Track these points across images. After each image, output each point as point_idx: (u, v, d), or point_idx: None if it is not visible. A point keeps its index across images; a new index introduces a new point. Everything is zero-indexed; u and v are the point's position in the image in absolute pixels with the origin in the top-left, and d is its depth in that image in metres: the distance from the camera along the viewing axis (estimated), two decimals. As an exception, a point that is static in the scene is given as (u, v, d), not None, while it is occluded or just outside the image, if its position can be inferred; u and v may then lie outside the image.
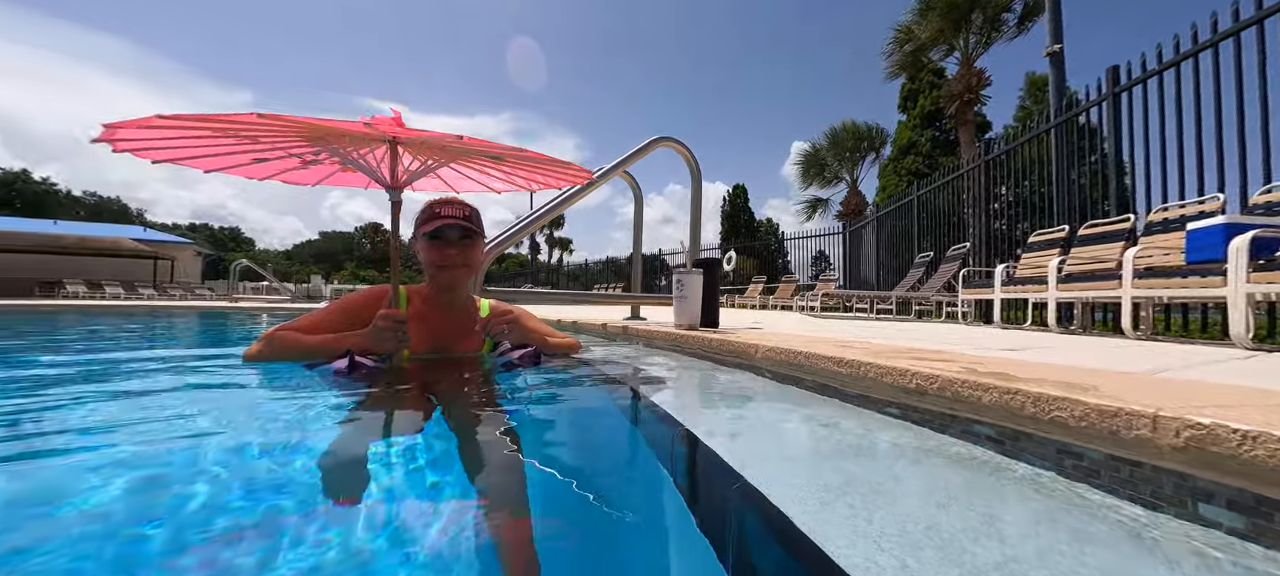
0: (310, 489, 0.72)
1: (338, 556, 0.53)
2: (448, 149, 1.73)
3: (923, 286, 7.90)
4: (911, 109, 17.59)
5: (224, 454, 0.84)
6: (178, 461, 0.82)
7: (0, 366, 1.89)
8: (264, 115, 1.30)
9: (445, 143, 1.60)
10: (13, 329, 3.81)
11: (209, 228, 52.85)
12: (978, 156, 7.46)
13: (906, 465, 0.83)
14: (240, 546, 0.56)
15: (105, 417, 1.08)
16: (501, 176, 2.05)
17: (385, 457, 0.85)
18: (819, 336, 2.01)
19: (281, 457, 0.84)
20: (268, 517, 0.63)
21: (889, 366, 1.05)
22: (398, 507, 0.67)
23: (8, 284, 18.75)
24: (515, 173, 2.00)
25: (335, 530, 0.59)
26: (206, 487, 0.69)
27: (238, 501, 0.67)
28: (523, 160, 1.80)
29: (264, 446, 0.87)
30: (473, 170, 2.01)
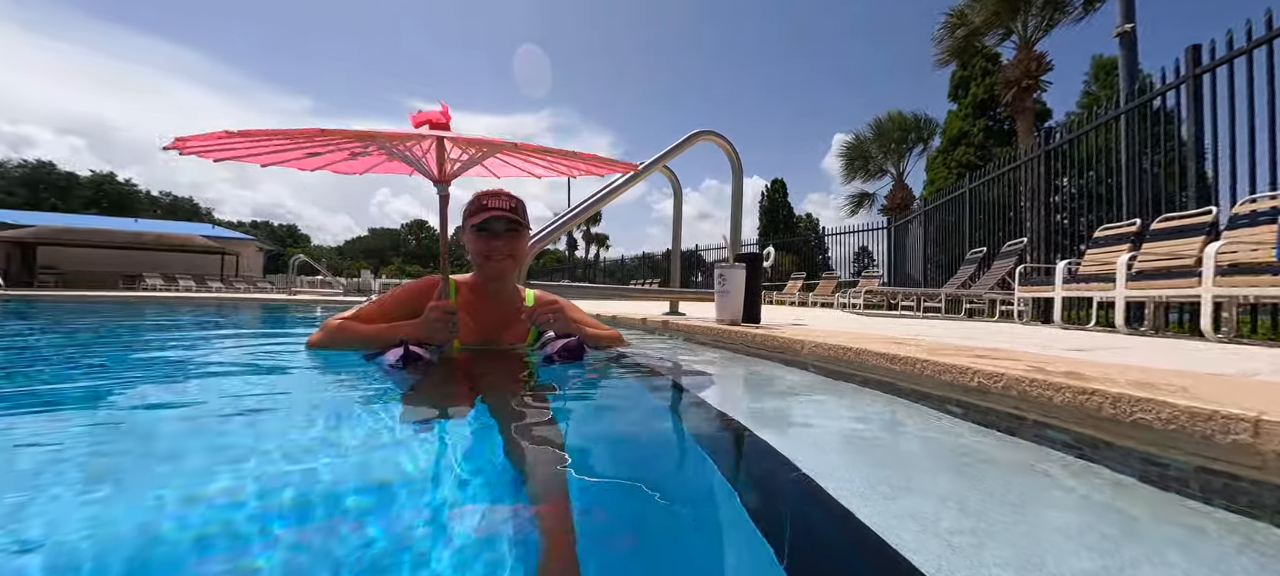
0: (355, 474, 0.75)
1: (375, 541, 0.55)
2: (494, 145, 1.77)
3: (975, 284, 7.54)
4: (963, 97, 16.77)
5: (274, 434, 0.90)
6: (234, 439, 0.88)
7: (108, 350, 2.07)
8: (326, 131, 1.36)
9: (495, 145, 1.63)
10: (107, 316, 4.16)
11: (269, 225, 56.17)
12: (1037, 146, 7.04)
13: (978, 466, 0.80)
14: (280, 523, 0.59)
15: (182, 398, 1.17)
16: (544, 164, 2.09)
17: (428, 447, 0.88)
18: (868, 333, 1.95)
19: (330, 442, 0.88)
20: (312, 501, 0.65)
21: (947, 363, 1.01)
22: (437, 498, 0.68)
23: (97, 277, 20.54)
24: (557, 161, 2.03)
25: (374, 517, 0.61)
26: (254, 463, 0.74)
27: (282, 483, 0.71)
28: (567, 158, 1.83)
29: (314, 429, 0.93)
30: (516, 159, 2.06)
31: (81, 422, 0.98)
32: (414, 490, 0.70)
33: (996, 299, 6.82)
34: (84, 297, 9.18)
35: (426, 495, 0.69)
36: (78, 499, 0.63)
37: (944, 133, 17.11)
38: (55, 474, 0.71)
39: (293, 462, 0.78)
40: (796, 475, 0.75)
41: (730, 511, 0.69)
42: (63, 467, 0.73)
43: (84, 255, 21.93)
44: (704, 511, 0.71)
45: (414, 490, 0.70)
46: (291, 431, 0.94)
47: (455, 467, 0.80)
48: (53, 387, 1.33)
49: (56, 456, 0.77)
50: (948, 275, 8.98)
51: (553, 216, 3.68)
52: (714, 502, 0.74)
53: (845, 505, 0.64)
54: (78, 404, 1.14)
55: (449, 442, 0.91)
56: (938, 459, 0.86)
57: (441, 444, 0.90)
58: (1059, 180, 6.73)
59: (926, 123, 17.42)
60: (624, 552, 0.59)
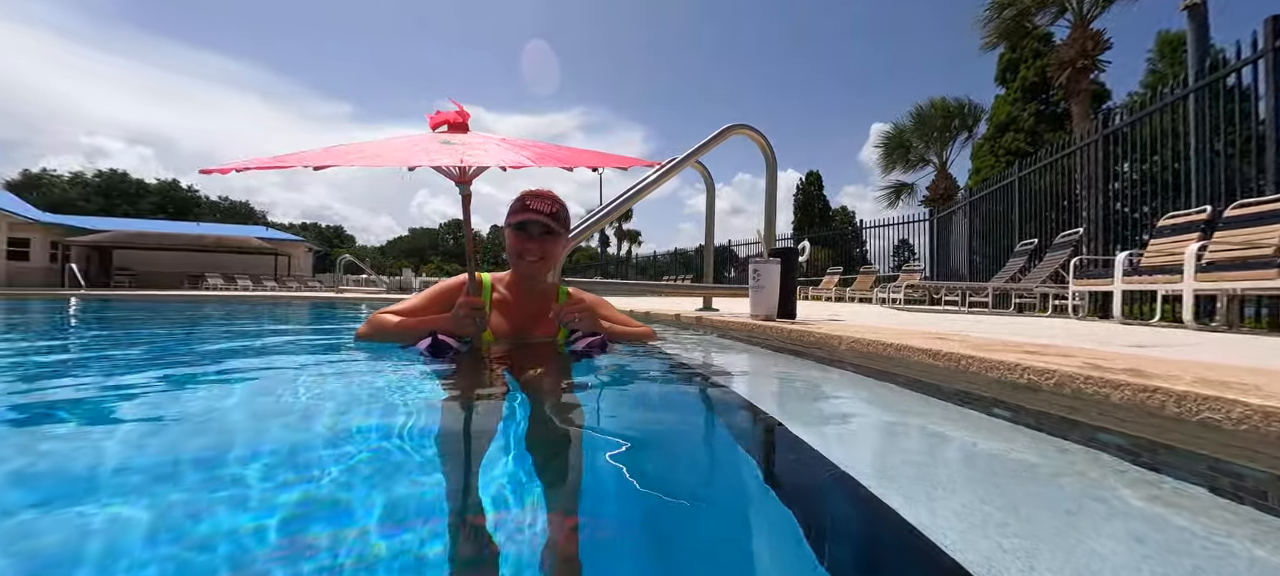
0: (385, 458, 0.78)
1: (403, 524, 0.58)
2: (500, 148, 1.82)
3: (1025, 277, 7.18)
4: (1011, 81, 15.93)
5: (314, 418, 0.95)
6: (274, 422, 0.93)
7: (185, 344, 2.23)
8: (335, 149, 1.43)
9: (503, 146, 1.65)
10: (181, 313, 4.47)
11: (317, 226, 58.87)
12: (1094, 130, 6.63)
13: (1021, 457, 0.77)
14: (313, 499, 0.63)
15: (245, 386, 1.25)
16: (572, 158, 2.13)
17: (455, 438, 0.90)
18: (909, 328, 1.89)
19: (365, 428, 0.92)
20: (349, 484, 0.69)
21: (993, 359, 0.97)
22: (458, 487, 0.70)
23: (166, 277, 22.10)
24: (582, 155, 2.06)
25: (402, 500, 0.63)
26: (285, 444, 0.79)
27: (321, 463, 0.75)
28: (584, 156, 1.85)
29: (354, 417, 0.98)
30: (546, 149, 2.10)
31: (169, 406, 1.07)
32: (421, 470, 0.72)
33: (1049, 293, 6.47)
34: (157, 297, 9.88)
35: (434, 481, 0.71)
36: (165, 464, 0.69)
37: (990, 119, 16.30)
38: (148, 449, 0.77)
39: (314, 445, 0.82)
40: (834, 472, 0.74)
41: (766, 507, 0.68)
42: (152, 442, 0.80)
43: (153, 257, 23.61)
44: (736, 506, 0.71)
45: (421, 470, 0.72)
46: (331, 417, 0.99)
47: (472, 452, 0.83)
48: (157, 376, 1.45)
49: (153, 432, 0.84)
50: (995, 268, 8.57)
51: (585, 214, 3.72)
52: (747, 497, 0.74)
53: (889, 504, 0.63)
54: (167, 390, 1.24)
55: (470, 430, 0.93)
56: (981, 460, 0.83)
57: (464, 430, 0.92)
58: (1119, 166, 6.31)
59: (972, 109, 16.64)
60: (649, 548, 0.58)
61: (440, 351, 1.52)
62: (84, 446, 0.84)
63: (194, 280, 20.55)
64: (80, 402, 1.12)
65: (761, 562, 0.56)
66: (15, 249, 21.40)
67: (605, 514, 0.65)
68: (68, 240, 21.53)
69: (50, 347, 2.20)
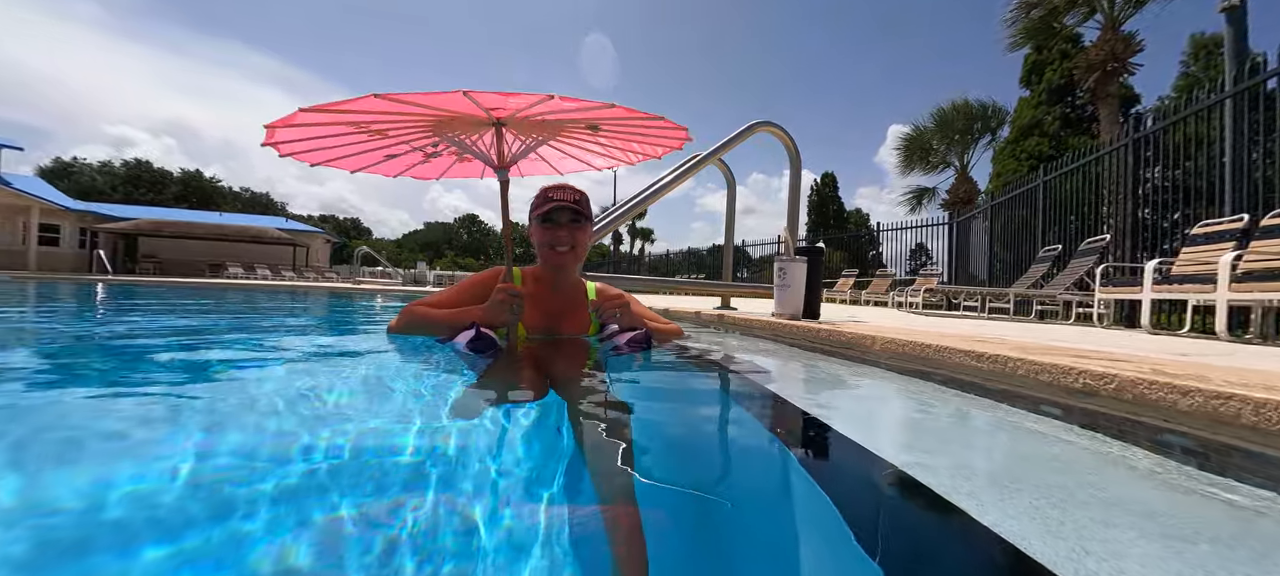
0: (427, 455, 0.78)
1: (443, 521, 0.57)
2: (546, 124, 1.81)
3: (1048, 283, 7.05)
4: (1036, 83, 15.60)
5: (354, 412, 0.96)
6: (312, 415, 0.95)
7: (221, 333, 2.28)
8: (380, 95, 1.40)
9: (539, 111, 1.64)
10: (205, 301, 4.57)
11: (335, 218, 59.62)
12: (1124, 134, 6.48)
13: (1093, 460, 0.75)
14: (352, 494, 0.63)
15: (278, 376, 1.27)
16: (600, 150, 2.12)
17: (495, 433, 0.90)
18: (941, 331, 1.87)
19: (406, 424, 0.93)
20: (376, 479, 0.69)
21: (1046, 363, 0.95)
22: (500, 481, 0.70)
23: (189, 265, 22.59)
24: (612, 143, 2.05)
25: (436, 495, 0.63)
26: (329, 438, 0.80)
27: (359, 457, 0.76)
28: (616, 123, 1.83)
29: (388, 411, 0.98)
30: (573, 147, 2.10)
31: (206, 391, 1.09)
32: (478, 471, 0.72)
33: (1073, 300, 6.35)
34: (181, 283, 10.09)
35: (489, 477, 0.71)
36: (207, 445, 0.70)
37: (1014, 121, 15.99)
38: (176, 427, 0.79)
39: (362, 439, 0.83)
40: (886, 469, 0.74)
41: (815, 508, 0.67)
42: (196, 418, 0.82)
43: (177, 245, 24.15)
44: (784, 505, 0.70)
45: (478, 471, 0.72)
46: (365, 412, 1.00)
47: (521, 451, 0.83)
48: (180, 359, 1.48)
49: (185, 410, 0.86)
50: (1015, 274, 8.43)
51: (600, 212, 3.72)
52: (795, 497, 0.73)
53: (957, 505, 0.62)
54: (201, 375, 1.26)
55: (515, 427, 0.93)
56: (1046, 464, 0.82)
57: (507, 427, 0.92)
58: (1147, 172, 6.16)
59: (995, 111, 16.33)
60: (700, 547, 0.57)
61: (483, 346, 1.51)
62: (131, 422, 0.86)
63: (215, 269, 20.98)
64: (109, 383, 1.15)
65: (815, 565, 0.56)
66: (46, 234, 22.01)
67: (657, 506, 0.65)
68: (96, 227, 22.10)
69: (81, 330, 2.26)
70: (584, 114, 1.66)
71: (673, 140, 1.98)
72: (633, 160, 2.26)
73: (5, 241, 21.19)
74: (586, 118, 1.74)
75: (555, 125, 1.84)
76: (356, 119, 1.65)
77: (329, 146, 1.85)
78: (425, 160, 2.23)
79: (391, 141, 1.92)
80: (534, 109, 1.54)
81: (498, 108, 1.56)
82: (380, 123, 1.75)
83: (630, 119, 1.74)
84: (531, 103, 1.50)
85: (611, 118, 1.72)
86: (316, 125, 1.65)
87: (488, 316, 1.60)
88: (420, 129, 1.80)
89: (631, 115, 1.69)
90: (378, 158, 2.03)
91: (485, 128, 1.78)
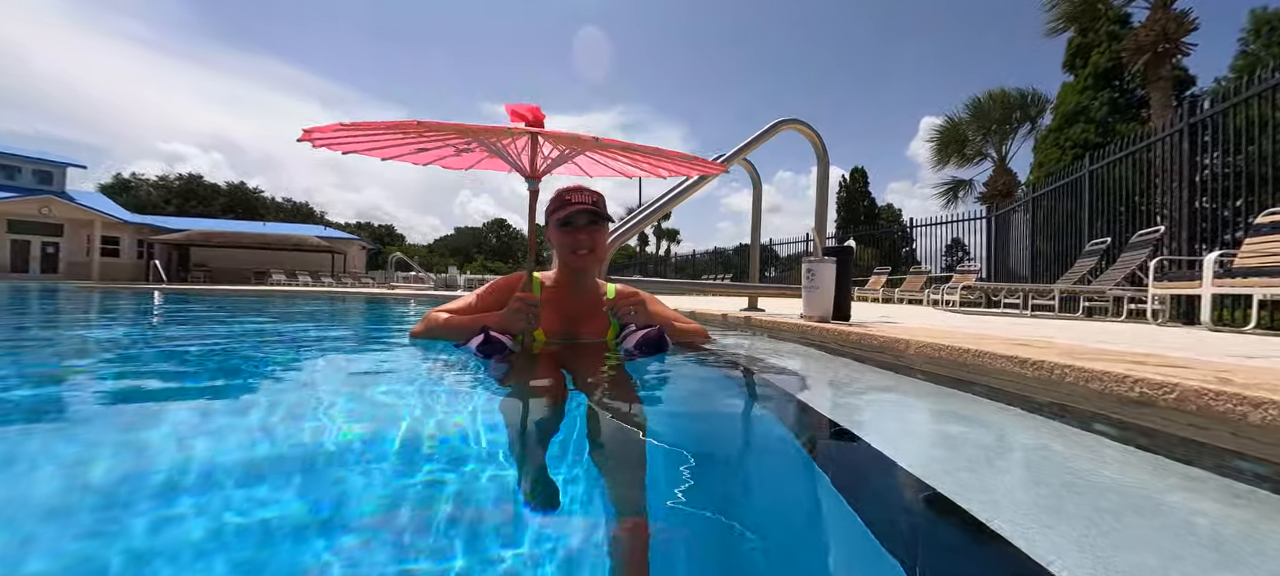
0: (438, 458, 0.78)
1: (457, 523, 0.57)
2: (583, 142, 1.82)
3: (1096, 279, 6.69)
4: (1081, 68, 14.87)
5: (370, 416, 0.97)
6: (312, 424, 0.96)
7: (260, 335, 2.37)
8: (423, 122, 1.45)
9: (584, 141, 1.67)
10: (252, 307, 4.78)
11: (370, 225, 61.60)
12: (1178, 118, 6.10)
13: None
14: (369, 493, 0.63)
15: (305, 378, 1.30)
16: (634, 163, 2.12)
17: (508, 438, 0.90)
18: (982, 332, 1.79)
19: (419, 429, 0.93)
20: (405, 485, 0.69)
21: (1097, 369, 0.89)
22: (506, 483, 0.69)
23: (234, 273, 23.74)
24: (647, 160, 2.05)
25: (446, 499, 0.63)
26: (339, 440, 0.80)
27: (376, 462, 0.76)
28: (657, 156, 1.84)
29: (402, 414, 0.99)
30: (608, 157, 2.10)
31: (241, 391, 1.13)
32: (483, 474, 0.72)
33: (1124, 296, 6.01)
34: (229, 291, 10.59)
35: (493, 479, 0.70)
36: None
37: (1056, 109, 15.27)
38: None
39: (369, 440, 0.84)
40: (916, 485, 0.70)
41: (840, 522, 0.64)
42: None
43: (225, 254, 25.44)
44: (806, 516, 0.67)
45: (483, 474, 0.72)
46: (380, 415, 1.01)
47: (526, 458, 0.82)
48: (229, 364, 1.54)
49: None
50: (1059, 270, 8.05)
51: (624, 214, 3.72)
52: (816, 510, 0.70)
53: (999, 531, 0.58)
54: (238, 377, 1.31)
55: (526, 430, 0.93)
56: (1090, 483, 0.76)
57: (519, 431, 0.92)
58: (1205, 158, 5.78)
59: (1035, 99, 15.61)
60: (717, 561, 0.56)
61: (492, 350, 1.52)
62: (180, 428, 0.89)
63: (259, 276, 21.97)
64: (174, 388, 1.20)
65: None
66: (108, 246, 23.49)
67: (669, 520, 0.63)
68: (152, 238, 23.45)
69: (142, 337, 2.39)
70: (628, 149, 1.67)
71: (707, 170, 1.97)
72: (663, 174, 2.26)
73: (72, 253, 22.70)
74: (628, 152, 1.75)
75: (591, 141, 1.85)
76: (393, 130, 1.69)
77: (360, 141, 1.90)
78: (457, 154, 2.26)
79: (424, 139, 1.97)
80: (577, 144, 1.56)
81: (539, 128, 1.58)
82: (416, 139, 1.79)
83: (672, 156, 1.75)
84: (576, 136, 1.52)
85: (653, 153, 1.73)
86: (352, 130, 1.69)
87: (503, 323, 1.62)
88: (456, 136, 1.84)
89: (675, 155, 1.70)
90: (409, 150, 2.08)
91: (518, 136, 1.80)
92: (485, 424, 0.95)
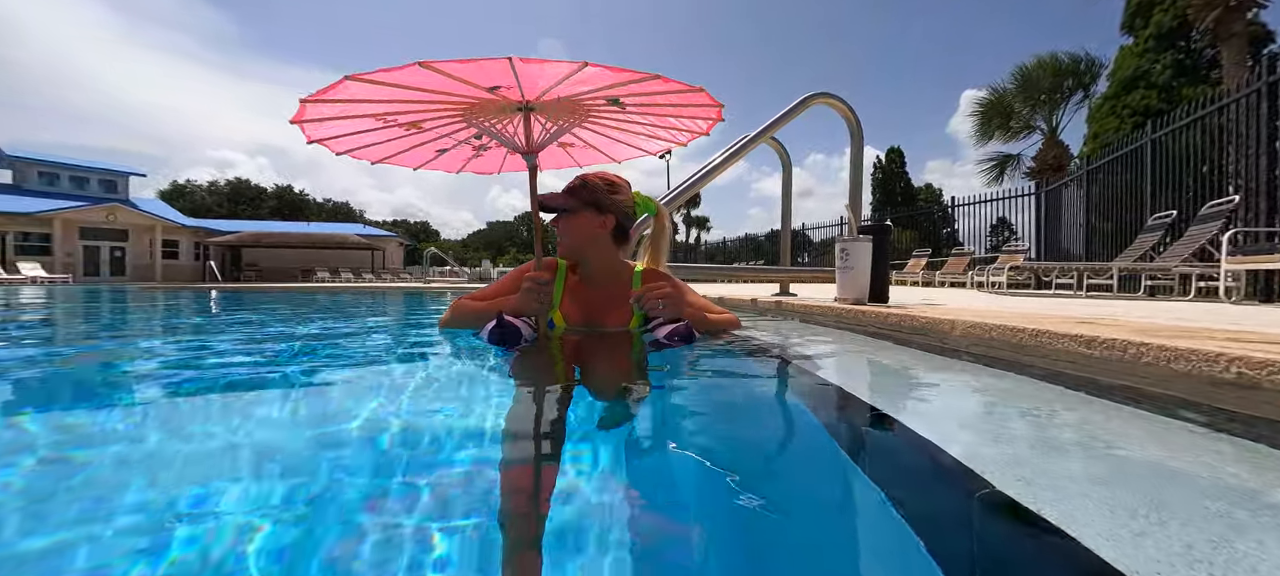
0: (445, 453, 0.75)
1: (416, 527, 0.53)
2: (573, 107, 1.76)
3: (1160, 255, 6.22)
4: (1141, 28, 13.79)
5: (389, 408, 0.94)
6: (345, 409, 0.93)
7: (303, 325, 2.44)
8: (424, 64, 1.37)
9: (574, 82, 1.57)
10: (302, 303, 4.96)
11: (406, 222, 63.46)
12: (1255, 78, 5.56)
13: None
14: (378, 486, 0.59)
15: (333, 374, 1.30)
16: (625, 138, 2.06)
17: (521, 433, 0.85)
18: (1036, 312, 1.64)
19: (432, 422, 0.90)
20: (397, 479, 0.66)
21: (1181, 348, 0.78)
22: (516, 487, 0.65)
23: (282, 272, 24.93)
24: (639, 125, 1.97)
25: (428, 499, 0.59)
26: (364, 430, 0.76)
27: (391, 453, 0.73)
28: (644, 101, 1.75)
29: (409, 409, 0.97)
30: (598, 135, 2.04)
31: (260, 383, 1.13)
32: (465, 470, 0.68)
33: (1192, 273, 5.56)
34: (280, 289, 11.10)
35: (488, 473, 0.67)
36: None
37: (1113, 74, 14.22)
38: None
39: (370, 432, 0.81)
40: (977, 486, 0.62)
41: (884, 525, 0.57)
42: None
43: (273, 254, 26.72)
44: (847, 521, 0.60)
45: (465, 470, 0.68)
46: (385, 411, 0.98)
47: (535, 449, 0.78)
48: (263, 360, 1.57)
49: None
50: (1117, 247, 7.53)
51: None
52: (859, 511, 0.63)
53: (1078, 538, 0.50)
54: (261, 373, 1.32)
55: (535, 425, 0.89)
56: (1185, 481, 0.66)
57: (526, 426, 0.88)
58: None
59: (1089, 65, 14.56)
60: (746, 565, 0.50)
61: (506, 336, 1.49)
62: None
63: (305, 274, 22.98)
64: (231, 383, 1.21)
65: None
66: (168, 249, 25.04)
67: (694, 523, 0.58)
68: (207, 241, 24.81)
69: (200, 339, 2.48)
70: (616, 85, 1.59)
71: (706, 117, 1.87)
72: (665, 142, 2.17)
73: (137, 257, 24.26)
74: (616, 86, 1.64)
75: (581, 107, 1.79)
76: (393, 98, 1.64)
77: (353, 133, 1.88)
78: (476, 154, 2.25)
79: (418, 133, 1.94)
80: (571, 79, 1.49)
81: (532, 83, 1.53)
82: (413, 111, 1.76)
83: (662, 92, 1.65)
84: (569, 71, 1.45)
85: (640, 92, 1.64)
86: (351, 102, 1.64)
87: (517, 306, 1.62)
88: (451, 116, 1.80)
89: (666, 87, 1.60)
90: (401, 148, 2.06)
91: (513, 114, 1.76)
92: (481, 419, 0.91)
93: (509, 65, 1.38)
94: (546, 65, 1.43)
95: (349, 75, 1.42)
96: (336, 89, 1.47)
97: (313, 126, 1.75)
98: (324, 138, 1.84)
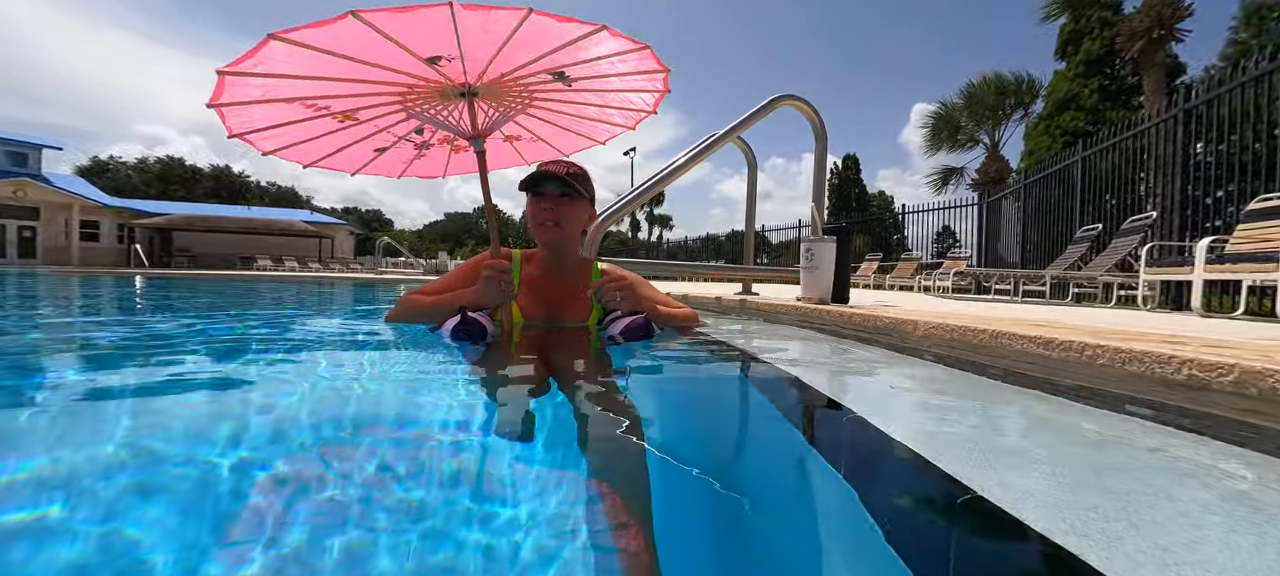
0: (413, 458, 0.70)
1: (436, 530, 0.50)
2: (517, 90, 1.70)
3: (1086, 265, 6.71)
4: (1073, 54, 14.85)
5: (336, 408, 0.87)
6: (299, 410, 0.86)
7: (247, 323, 2.25)
8: (359, 13, 1.23)
9: (515, 45, 1.50)
10: (240, 292, 4.62)
11: (357, 210, 60.66)
12: (1172, 105, 6.09)
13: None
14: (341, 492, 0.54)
15: (280, 368, 1.20)
16: (574, 127, 2.00)
17: (486, 431, 0.81)
18: (985, 314, 1.72)
19: (386, 423, 0.85)
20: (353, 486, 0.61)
21: (1136, 350, 0.82)
22: (500, 485, 0.62)
23: (219, 259, 23.25)
24: (588, 106, 1.92)
25: (438, 503, 0.55)
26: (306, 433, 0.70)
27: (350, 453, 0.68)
28: (591, 72, 1.70)
29: (368, 407, 0.90)
30: (547, 124, 1.98)
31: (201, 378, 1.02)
32: (452, 475, 0.64)
33: (1114, 282, 6.03)
34: (213, 276, 10.35)
35: (482, 480, 0.63)
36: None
37: (1049, 96, 15.26)
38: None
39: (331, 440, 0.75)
40: (936, 475, 0.62)
41: (848, 515, 0.57)
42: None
43: (209, 239, 24.86)
44: (810, 510, 0.60)
45: (452, 475, 0.64)
46: (344, 408, 0.92)
47: (503, 453, 0.73)
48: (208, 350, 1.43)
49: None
50: (1048, 257, 8.09)
51: (615, 198, 3.60)
52: (823, 502, 0.63)
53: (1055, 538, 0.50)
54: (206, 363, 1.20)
55: (505, 423, 0.85)
56: (1142, 473, 0.69)
57: (502, 428, 0.83)
58: (1194, 146, 5.79)
59: (1029, 84, 15.57)
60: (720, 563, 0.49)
61: (469, 334, 1.41)
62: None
63: (245, 261, 21.53)
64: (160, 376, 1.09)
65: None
66: (87, 230, 22.90)
67: (669, 522, 0.55)
68: (133, 222, 22.86)
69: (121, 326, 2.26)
70: (563, 46, 1.52)
71: (652, 90, 1.84)
72: (613, 126, 2.10)
73: (51, 238, 22.10)
74: (563, 46, 1.56)
75: (527, 89, 1.72)
76: (324, 73, 1.49)
77: (281, 124, 1.68)
78: (378, 154, 2.03)
79: (354, 126, 1.79)
80: (516, 37, 1.41)
81: (474, 45, 1.44)
82: (346, 96, 1.62)
83: (607, 55, 1.60)
84: (514, 23, 1.36)
85: (587, 58, 1.58)
86: (278, 77, 1.46)
87: (476, 298, 1.51)
88: (387, 103, 1.68)
89: (612, 46, 1.55)
90: (334, 146, 1.89)
91: (456, 100, 1.67)
92: (446, 419, 0.86)
93: (449, 16, 1.27)
94: (490, 14, 1.32)
95: (273, 33, 1.23)
96: (259, 56, 1.28)
97: (234, 113, 1.54)
98: (248, 131, 1.61)
